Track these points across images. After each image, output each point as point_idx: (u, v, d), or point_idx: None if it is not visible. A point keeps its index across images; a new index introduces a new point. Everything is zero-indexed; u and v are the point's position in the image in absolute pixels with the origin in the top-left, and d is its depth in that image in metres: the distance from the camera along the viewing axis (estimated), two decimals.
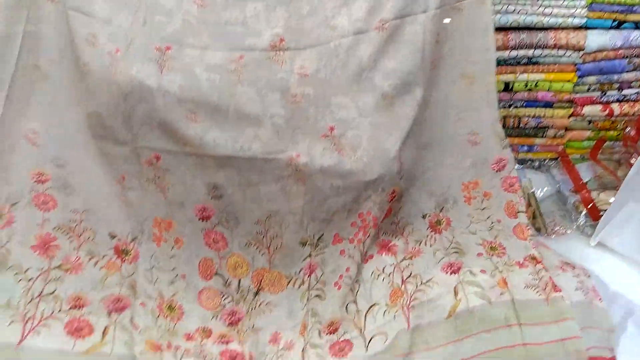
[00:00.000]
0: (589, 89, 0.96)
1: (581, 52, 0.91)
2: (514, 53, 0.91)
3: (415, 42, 0.77)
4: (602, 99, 0.96)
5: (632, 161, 0.90)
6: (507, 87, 0.93)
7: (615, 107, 0.95)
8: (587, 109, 0.96)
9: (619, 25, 0.91)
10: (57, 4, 0.76)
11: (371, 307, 0.77)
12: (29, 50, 0.76)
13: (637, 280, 0.79)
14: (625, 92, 0.95)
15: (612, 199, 0.87)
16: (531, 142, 0.99)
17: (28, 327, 0.65)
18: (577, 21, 0.89)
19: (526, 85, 0.93)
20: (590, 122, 0.98)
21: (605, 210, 0.85)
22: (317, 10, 0.79)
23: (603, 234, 0.84)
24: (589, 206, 0.89)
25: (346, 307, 0.78)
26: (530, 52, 0.91)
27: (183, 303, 0.76)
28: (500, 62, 0.87)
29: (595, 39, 0.90)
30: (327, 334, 0.76)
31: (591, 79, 0.94)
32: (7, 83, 0.74)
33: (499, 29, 0.88)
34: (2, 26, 0.74)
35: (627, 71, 0.93)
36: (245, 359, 0.72)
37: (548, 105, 0.96)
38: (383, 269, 0.79)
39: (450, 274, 0.75)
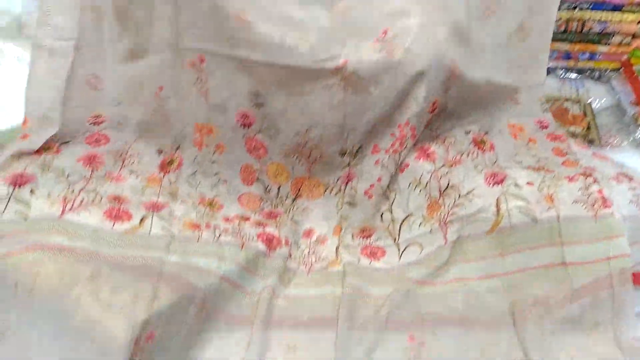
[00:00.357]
0: None
1: None
2: None
3: None
4: None
5: None
6: None
7: None
8: None
9: None
10: None
11: (407, 217, 0.76)
12: None
13: None
14: None
15: None
16: (594, 49, 0.91)
17: (68, 208, 0.66)
18: None
19: None
20: None
21: None
22: None
23: None
24: None
25: (381, 216, 0.78)
26: None
27: (224, 203, 0.77)
28: None
29: None
30: (360, 238, 0.76)
31: None
32: (76, 31, 0.76)
33: None
34: None
35: None
36: (281, 243, 0.73)
37: (616, 8, 0.87)
38: (420, 179, 0.76)
39: (493, 185, 0.72)
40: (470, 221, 0.70)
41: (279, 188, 0.79)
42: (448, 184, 0.74)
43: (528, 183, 0.70)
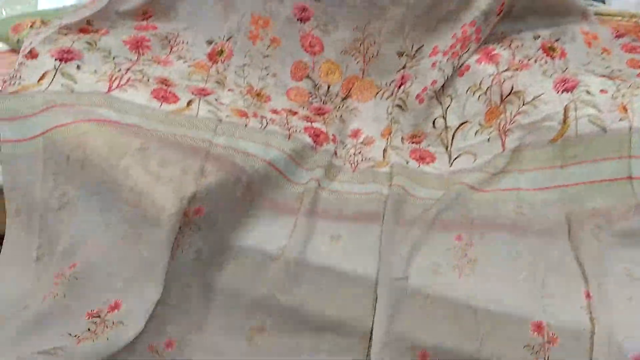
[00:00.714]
0: None
1: None
2: None
3: None
4: None
5: None
6: None
7: None
8: None
9: None
10: None
11: (462, 124, 0.73)
12: None
13: None
14: None
15: None
16: None
17: (115, 85, 0.66)
18: None
19: None
20: None
21: None
22: None
23: None
24: None
25: (433, 122, 0.74)
26: None
27: (271, 94, 0.75)
28: None
29: None
30: (409, 142, 0.73)
31: None
32: None
33: None
34: None
35: None
36: (329, 139, 0.71)
37: None
38: (480, 83, 0.71)
39: (563, 92, 0.67)
40: (534, 129, 0.66)
41: (328, 87, 0.77)
42: (512, 90, 0.69)
43: (601, 91, 0.65)
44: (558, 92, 0.67)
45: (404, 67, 0.75)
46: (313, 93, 0.77)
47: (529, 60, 0.72)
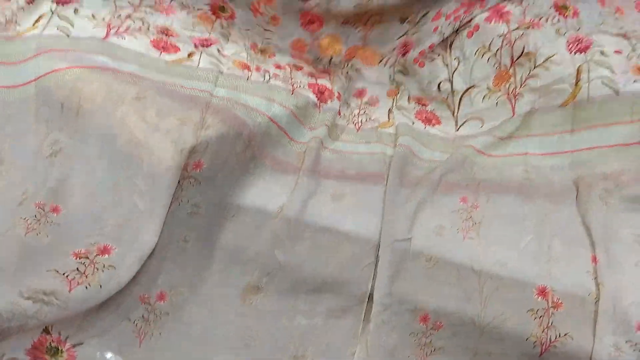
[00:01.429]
0: None
1: None
2: None
3: None
4: None
5: None
6: None
7: None
8: None
9: None
10: None
11: (468, 89, 0.70)
12: None
13: None
14: None
15: None
16: None
17: (113, 32, 0.63)
18: None
19: None
20: None
21: None
22: None
23: None
24: None
25: (439, 85, 0.72)
26: None
27: (275, 52, 0.72)
28: None
29: None
30: (416, 103, 0.71)
31: None
32: None
33: None
34: None
35: None
36: (334, 96, 0.69)
37: None
38: (489, 45, 0.69)
39: (576, 52, 0.64)
40: (544, 93, 0.64)
41: (331, 58, 0.74)
42: (523, 51, 0.66)
43: (616, 51, 0.63)
44: (571, 53, 0.64)
45: (406, 33, 0.72)
46: (316, 63, 0.74)
47: (540, 19, 0.69)
